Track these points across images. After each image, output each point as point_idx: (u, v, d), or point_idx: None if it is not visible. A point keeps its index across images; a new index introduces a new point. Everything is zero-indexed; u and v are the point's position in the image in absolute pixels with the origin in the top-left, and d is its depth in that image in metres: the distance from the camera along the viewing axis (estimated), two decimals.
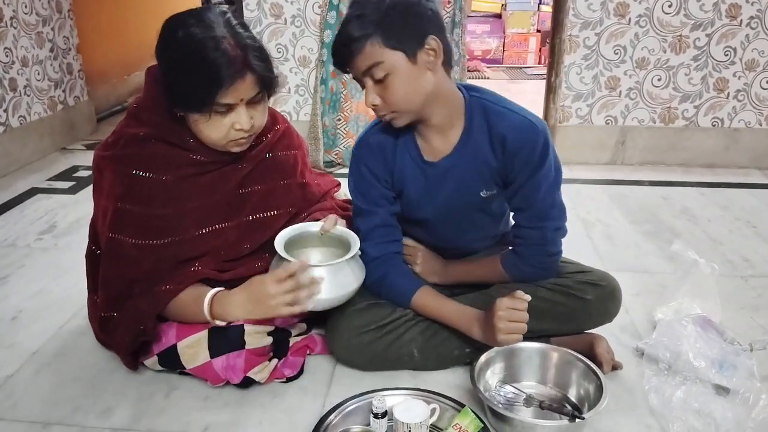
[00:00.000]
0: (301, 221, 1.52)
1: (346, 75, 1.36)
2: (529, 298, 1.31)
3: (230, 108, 1.28)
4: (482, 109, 1.38)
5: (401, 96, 1.30)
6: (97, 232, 1.47)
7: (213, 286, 1.37)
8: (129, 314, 1.37)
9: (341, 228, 1.45)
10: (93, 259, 1.51)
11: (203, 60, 1.21)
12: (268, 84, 1.32)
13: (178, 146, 1.37)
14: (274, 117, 1.53)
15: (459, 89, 1.40)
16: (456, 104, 1.39)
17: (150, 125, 1.36)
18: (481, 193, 1.45)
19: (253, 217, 1.46)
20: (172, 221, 1.37)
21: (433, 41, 1.29)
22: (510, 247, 1.52)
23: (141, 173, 1.35)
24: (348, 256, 1.36)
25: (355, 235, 1.43)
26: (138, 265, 1.36)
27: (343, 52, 1.29)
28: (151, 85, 1.37)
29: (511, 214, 1.54)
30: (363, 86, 1.33)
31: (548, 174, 1.38)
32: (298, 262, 1.30)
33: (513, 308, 1.30)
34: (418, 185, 1.46)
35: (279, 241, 1.38)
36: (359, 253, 1.43)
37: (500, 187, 1.45)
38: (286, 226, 1.47)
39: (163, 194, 1.36)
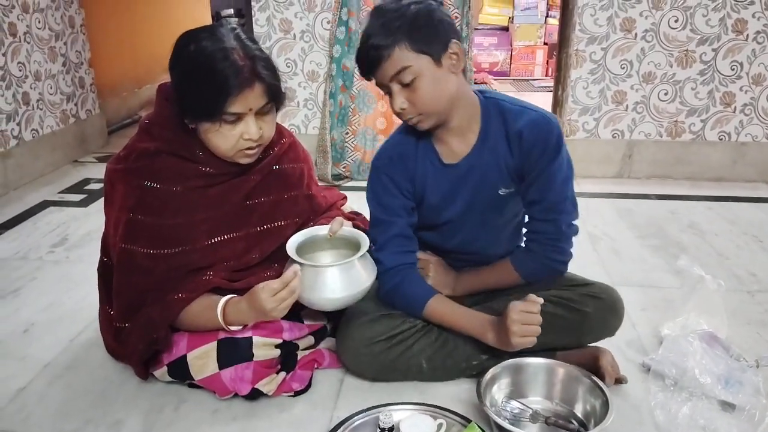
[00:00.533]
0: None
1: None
2: (542, 301, 1.34)
3: (239, 118, 1.32)
4: (498, 108, 1.44)
5: (428, 98, 1.34)
6: (108, 245, 1.50)
7: (224, 295, 1.39)
8: (142, 323, 1.39)
9: (349, 229, 1.49)
10: (105, 272, 1.54)
11: (212, 70, 1.26)
12: (275, 94, 1.35)
13: (188, 159, 1.40)
14: (280, 131, 1.56)
15: (474, 92, 1.46)
16: (473, 106, 1.44)
17: (161, 140, 1.40)
18: (500, 191, 1.48)
19: (260, 228, 1.49)
20: (182, 231, 1.40)
21: (455, 45, 1.34)
22: (520, 247, 1.57)
23: (152, 184, 1.38)
24: (358, 255, 1.40)
25: (363, 235, 1.46)
26: (150, 274, 1.39)
27: (372, 59, 1.33)
28: (162, 101, 1.41)
29: (526, 217, 1.55)
30: (387, 92, 1.37)
31: (562, 165, 1.42)
32: (292, 270, 1.32)
33: (526, 311, 1.33)
34: (440, 189, 1.49)
35: (291, 246, 1.42)
36: (370, 248, 1.47)
37: (517, 184, 1.48)
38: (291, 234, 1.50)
39: (174, 204, 1.39)
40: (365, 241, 1.44)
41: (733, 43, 2.86)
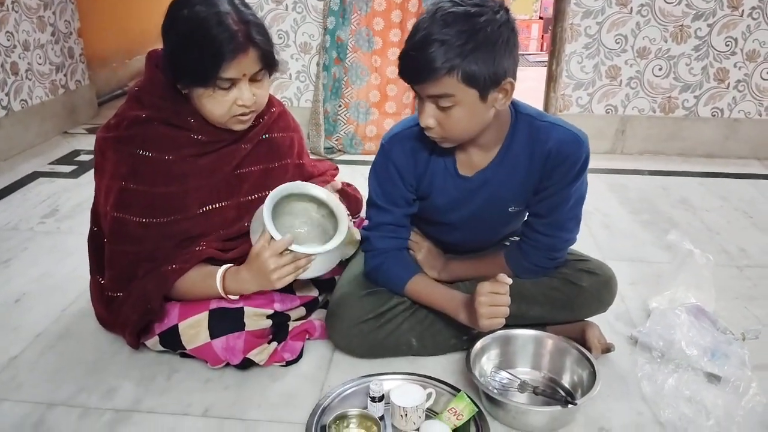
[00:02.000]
0: None
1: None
2: (509, 281, 1.31)
3: (233, 83, 1.31)
4: (528, 125, 1.36)
5: (459, 127, 1.28)
6: (98, 214, 1.49)
7: (218, 265, 1.40)
8: (136, 294, 1.39)
9: (333, 201, 1.44)
10: (95, 241, 1.53)
11: (207, 34, 1.25)
12: (269, 60, 1.34)
13: (180, 127, 1.39)
14: (270, 101, 1.55)
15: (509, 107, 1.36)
16: (505, 123, 1.37)
17: (151, 107, 1.39)
18: (509, 209, 1.46)
19: (251, 197, 1.49)
20: (174, 199, 1.40)
21: (508, 84, 1.25)
22: (515, 241, 1.54)
23: (144, 153, 1.37)
24: (338, 242, 1.37)
25: (344, 211, 1.43)
26: (142, 243, 1.39)
27: (418, 71, 1.22)
28: (152, 69, 1.40)
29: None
30: (417, 98, 1.29)
31: (579, 188, 1.39)
32: (287, 239, 1.31)
33: (494, 292, 1.30)
34: (448, 195, 1.45)
35: (268, 206, 1.35)
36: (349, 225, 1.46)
37: (528, 201, 1.45)
38: None
39: (166, 173, 1.39)
40: (344, 221, 1.41)
41: (728, 18, 2.84)
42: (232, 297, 1.39)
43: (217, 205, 1.45)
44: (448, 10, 1.19)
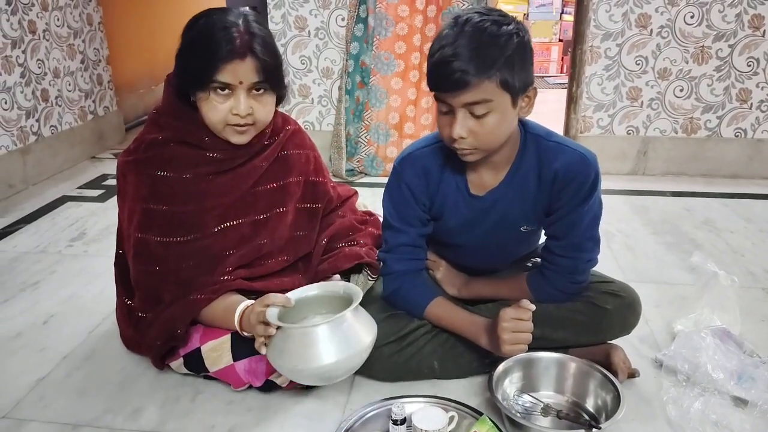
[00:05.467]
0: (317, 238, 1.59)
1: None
2: (533, 307, 1.31)
3: (231, 90, 1.33)
4: (536, 144, 1.37)
5: (491, 134, 1.29)
6: (122, 237, 1.53)
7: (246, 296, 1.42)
8: (162, 319, 1.42)
9: (339, 284, 1.40)
10: (120, 264, 1.56)
11: (208, 37, 1.30)
12: (270, 75, 1.36)
13: (195, 146, 1.42)
14: (285, 119, 1.60)
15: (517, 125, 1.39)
16: (515, 142, 1.39)
17: (168, 129, 1.43)
18: (522, 228, 1.46)
19: (264, 216, 1.51)
20: (193, 218, 1.42)
21: (532, 90, 1.30)
22: (536, 264, 1.54)
23: (162, 173, 1.41)
24: (350, 309, 1.25)
25: (356, 289, 1.33)
26: (165, 263, 1.41)
27: (454, 82, 1.22)
28: (167, 91, 1.45)
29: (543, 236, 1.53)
30: (445, 112, 1.29)
31: (592, 207, 1.39)
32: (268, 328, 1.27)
33: (517, 318, 1.31)
34: (460, 215, 1.46)
35: (271, 313, 1.27)
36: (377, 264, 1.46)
37: (541, 221, 1.45)
38: (299, 222, 1.55)
39: (184, 192, 1.42)
40: (358, 294, 1.30)
41: (749, 39, 2.83)
42: (246, 335, 1.36)
43: (234, 223, 1.47)
44: (478, 20, 1.23)
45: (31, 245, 2.33)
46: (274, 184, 1.53)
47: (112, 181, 3.01)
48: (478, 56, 1.20)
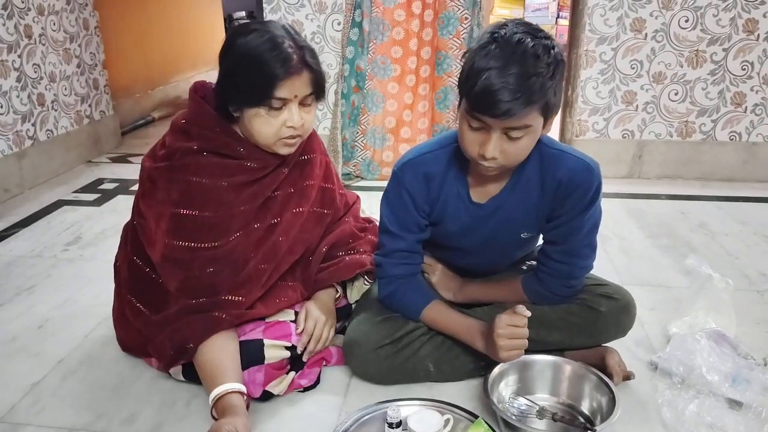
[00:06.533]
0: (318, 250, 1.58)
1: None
2: (528, 314, 1.31)
3: (284, 104, 1.35)
4: (537, 151, 1.35)
5: (522, 154, 1.29)
6: (137, 241, 1.51)
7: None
8: (178, 329, 1.39)
9: None
10: (130, 268, 1.54)
11: (264, 56, 1.32)
12: (320, 85, 1.40)
13: (231, 157, 1.43)
14: None
15: None
16: None
17: (200, 139, 1.42)
18: (522, 235, 1.47)
19: (277, 219, 1.51)
20: (220, 225, 1.42)
21: (558, 111, 1.30)
22: (531, 266, 1.54)
23: (197, 179, 1.41)
24: None
25: None
26: (189, 268, 1.40)
27: (502, 112, 1.19)
28: (198, 101, 1.44)
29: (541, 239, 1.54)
30: (475, 128, 1.25)
31: (593, 215, 1.39)
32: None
33: (513, 325, 1.31)
34: (460, 221, 1.46)
35: None
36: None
37: (541, 228, 1.46)
38: (307, 223, 1.55)
39: (217, 199, 1.42)
40: None
41: (744, 42, 2.85)
42: (214, 413, 1.30)
43: (255, 226, 1.47)
44: (527, 43, 1.19)
45: (26, 249, 2.32)
46: (293, 189, 1.54)
47: (109, 185, 3.01)
48: (529, 89, 1.18)
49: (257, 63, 1.32)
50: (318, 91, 1.40)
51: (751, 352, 1.56)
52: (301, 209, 1.54)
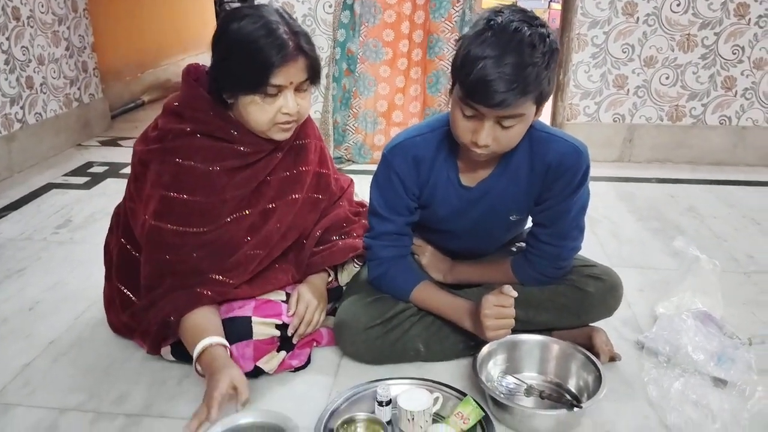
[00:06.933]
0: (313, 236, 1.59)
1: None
2: (515, 294, 1.33)
3: (280, 91, 1.34)
4: (527, 134, 1.34)
5: (513, 141, 1.29)
6: (127, 224, 1.51)
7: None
8: (162, 305, 1.39)
9: (280, 416, 1.24)
10: (120, 253, 1.54)
11: (258, 42, 1.30)
12: (315, 71, 1.38)
13: (223, 140, 1.42)
14: None
15: None
16: None
17: (193, 121, 1.41)
18: (511, 217, 1.48)
19: (271, 205, 1.51)
20: (212, 210, 1.42)
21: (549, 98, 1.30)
22: (521, 248, 1.56)
23: (189, 163, 1.40)
24: None
25: (292, 422, 1.21)
26: (177, 252, 1.40)
27: (496, 102, 1.19)
28: (191, 84, 1.43)
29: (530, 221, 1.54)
30: (471, 116, 1.25)
31: (581, 198, 1.40)
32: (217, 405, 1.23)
33: (499, 305, 1.33)
34: (450, 204, 1.47)
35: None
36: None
37: (530, 210, 1.47)
38: (302, 209, 1.55)
39: (207, 183, 1.41)
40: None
41: (734, 27, 2.85)
42: (198, 367, 1.32)
43: (246, 212, 1.47)
44: (523, 32, 1.19)
45: (16, 232, 2.32)
46: (287, 173, 1.53)
47: (98, 169, 3.00)
48: (525, 79, 1.18)
49: (252, 50, 1.30)
50: (313, 76, 1.39)
51: (736, 332, 1.58)
52: (296, 196, 1.54)
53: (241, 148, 1.43)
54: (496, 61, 1.17)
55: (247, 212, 1.47)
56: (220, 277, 1.42)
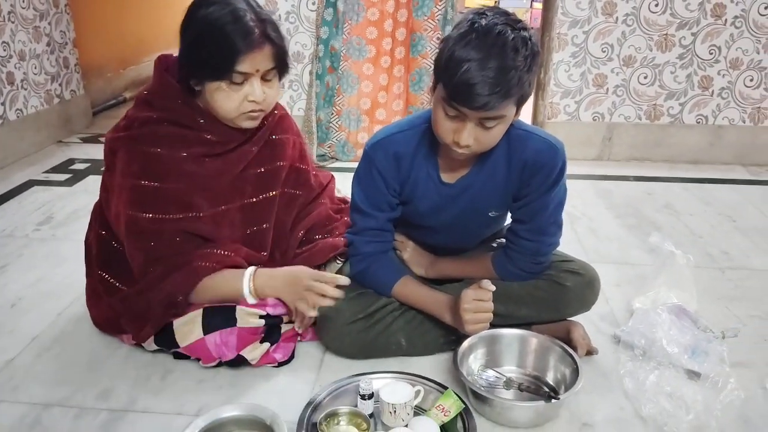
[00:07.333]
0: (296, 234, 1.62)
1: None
2: (493, 288, 1.36)
3: (246, 78, 1.35)
4: (506, 133, 1.36)
5: (494, 140, 1.31)
6: (104, 216, 1.52)
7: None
8: (162, 288, 1.40)
9: (268, 412, 1.26)
10: (98, 243, 1.55)
11: (225, 29, 1.30)
12: (282, 59, 1.39)
13: (190, 127, 1.43)
14: None
15: None
16: None
17: (161, 109, 1.42)
18: (490, 213, 1.50)
19: (253, 200, 1.52)
20: (184, 196, 1.42)
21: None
22: (501, 244, 1.58)
23: (155, 150, 1.40)
24: None
25: (283, 426, 1.22)
26: (159, 238, 1.41)
27: (479, 105, 1.21)
28: (162, 73, 1.44)
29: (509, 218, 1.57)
30: (453, 117, 1.27)
31: (558, 194, 1.43)
32: (336, 276, 1.40)
33: (478, 299, 1.37)
34: (430, 200, 1.49)
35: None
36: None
37: (508, 206, 1.50)
38: (279, 205, 1.56)
39: (176, 169, 1.41)
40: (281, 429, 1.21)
41: (711, 27, 2.91)
42: (251, 299, 1.43)
43: (223, 208, 1.48)
44: (506, 35, 1.20)
45: None
46: (262, 169, 1.54)
47: (80, 166, 2.99)
48: (507, 83, 1.20)
49: (218, 36, 1.30)
50: (281, 65, 1.39)
51: (710, 325, 1.62)
52: (273, 192, 1.56)
53: (209, 137, 1.44)
54: (479, 65, 1.19)
55: (228, 207, 1.48)
56: (210, 249, 1.44)
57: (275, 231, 1.59)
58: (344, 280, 1.39)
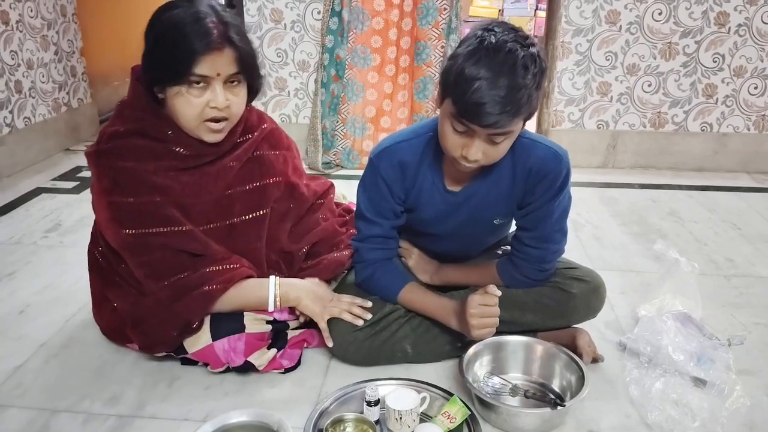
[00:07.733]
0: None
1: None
2: (499, 293, 1.37)
3: (207, 83, 1.31)
4: None
5: (501, 155, 1.32)
6: (97, 233, 1.52)
7: None
8: (175, 311, 1.39)
9: (275, 418, 1.25)
10: (97, 262, 1.55)
11: (182, 30, 1.27)
12: (247, 64, 1.34)
13: (157, 139, 1.39)
14: (261, 117, 1.58)
15: None
16: None
17: (131, 121, 1.40)
18: (495, 221, 1.51)
19: (244, 218, 1.50)
20: (161, 209, 1.39)
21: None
22: (506, 251, 1.59)
23: (123, 163, 1.37)
24: None
25: (283, 423, 1.23)
26: (149, 254, 1.39)
27: (489, 123, 1.22)
28: (134, 83, 1.42)
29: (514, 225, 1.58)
30: (462, 132, 1.28)
31: (563, 202, 1.44)
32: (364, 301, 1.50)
33: (484, 304, 1.37)
34: (434, 208, 1.49)
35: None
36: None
37: (513, 214, 1.50)
38: (277, 222, 1.55)
39: (147, 182, 1.37)
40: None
41: (715, 35, 2.92)
42: (271, 308, 1.46)
43: (211, 226, 1.45)
44: (517, 53, 1.21)
45: (5, 236, 2.32)
46: (250, 186, 1.50)
47: (87, 173, 3.00)
48: (518, 102, 1.20)
49: (176, 37, 1.27)
50: (246, 70, 1.34)
51: (715, 333, 1.62)
52: (264, 211, 1.52)
53: (179, 150, 1.40)
54: (490, 83, 1.19)
55: (216, 225, 1.46)
56: (216, 267, 1.43)
57: (270, 247, 1.55)
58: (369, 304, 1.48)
